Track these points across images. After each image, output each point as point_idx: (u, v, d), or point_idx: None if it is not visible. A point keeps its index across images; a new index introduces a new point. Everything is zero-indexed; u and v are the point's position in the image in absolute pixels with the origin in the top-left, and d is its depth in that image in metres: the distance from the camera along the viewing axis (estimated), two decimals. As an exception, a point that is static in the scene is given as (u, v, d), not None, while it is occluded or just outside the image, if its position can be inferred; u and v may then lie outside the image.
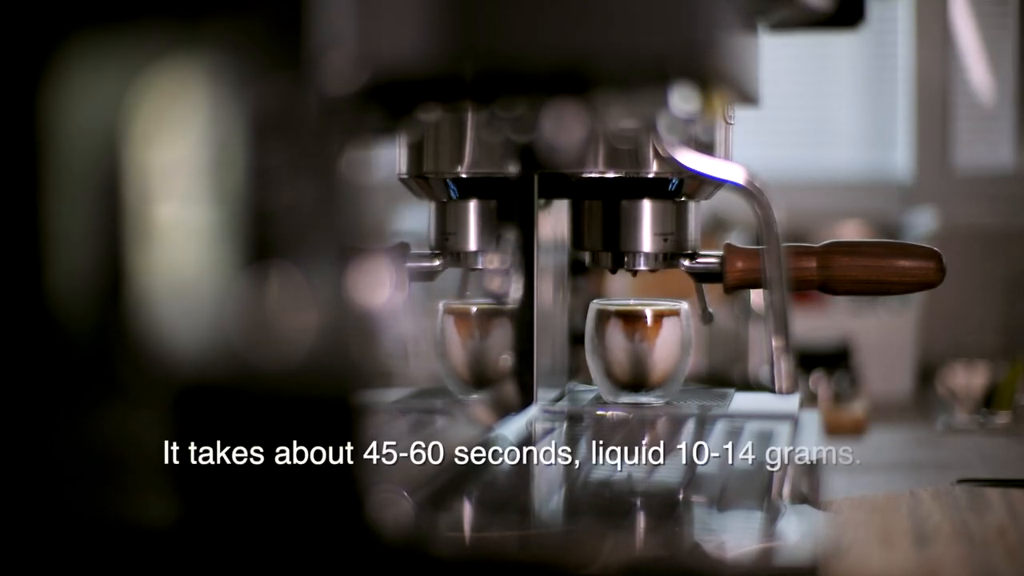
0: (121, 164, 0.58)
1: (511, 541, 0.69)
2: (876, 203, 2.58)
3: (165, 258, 0.59)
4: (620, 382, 1.12)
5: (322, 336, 0.59)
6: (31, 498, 0.59)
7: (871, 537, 0.92)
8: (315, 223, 0.59)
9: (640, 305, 1.12)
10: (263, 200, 0.59)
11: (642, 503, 0.82)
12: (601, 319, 1.12)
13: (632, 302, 1.13)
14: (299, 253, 0.59)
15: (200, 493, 0.60)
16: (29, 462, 0.59)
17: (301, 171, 0.59)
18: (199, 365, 0.59)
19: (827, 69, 2.69)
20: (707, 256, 1.11)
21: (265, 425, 0.60)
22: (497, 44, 0.63)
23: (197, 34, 0.59)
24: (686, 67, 0.66)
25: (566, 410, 1.11)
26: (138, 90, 0.58)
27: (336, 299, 0.60)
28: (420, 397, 1.17)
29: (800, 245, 1.11)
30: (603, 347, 1.12)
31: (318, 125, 0.59)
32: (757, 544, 0.69)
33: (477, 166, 1.07)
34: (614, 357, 1.12)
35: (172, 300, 0.58)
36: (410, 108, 0.86)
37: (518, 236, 1.06)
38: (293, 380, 0.59)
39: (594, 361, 1.13)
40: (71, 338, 0.59)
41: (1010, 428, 1.55)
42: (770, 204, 0.94)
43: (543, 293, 1.08)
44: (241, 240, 0.59)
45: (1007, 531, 0.94)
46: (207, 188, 0.58)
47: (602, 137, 1.05)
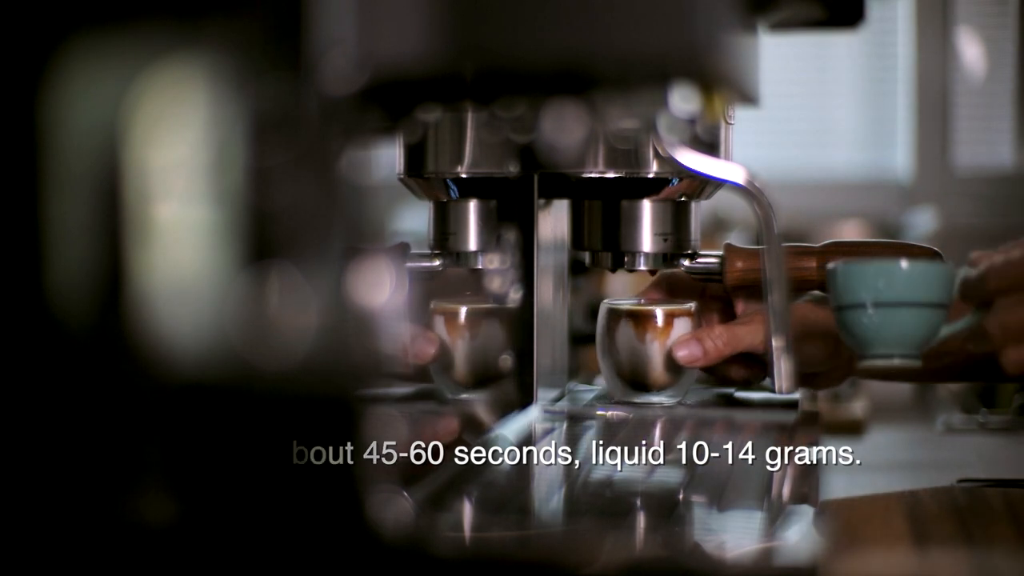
0: (121, 164, 0.58)
1: (511, 541, 0.69)
2: (876, 203, 2.58)
3: (165, 258, 0.59)
4: (631, 382, 1.12)
5: (322, 336, 0.59)
6: (31, 498, 0.59)
7: (871, 537, 0.92)
8: (315, 223, 0.59)
9: (651, 305, 1.12)
10: (263, 200, 0.59)
11: (642, 503, 0.82)
12: (612, 319, 1.12)
13: (643, 302, 1.13)
14: (299, 253, 0.59)
15: (200, 493, 0.60)
16: (29, 462, 0.59)
17: (301, 171, 0.59)
18: (199, 365, 0.59)
19: (827, 69, 2.69)
20: (707, 256, 1.11)
21: (265, 425, 0.60)
22: (497, 44, 0.63)
23: (197, 34, 0.59)
24: (686, 67, 0.66)
25: (566, 410, 1.11)
26: (138, 90, 0.58)
27: (336, 299, 0.60)
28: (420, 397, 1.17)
29: (800, 245, 1.11)
30: (614, 347, 1.12)
31: (318, 125, 0.59)
32: (757, 544, 0.69)
33: (477, 166, 1.07)
34: (625, 357, 1.11)
35: (172, 300, 0.58)
36: (410, 108, 0.86)
37: (518, 236, 1.06)
38: (293, 380, 0.59)
39: (605, 361, 1.13)
40: (71, 337, 0.59)
41: (1010, 428, 1.55)
42: (770, 204, 0.94)
43: (543, 293, 1.08)
44: (241, 240, 0.59)
45: (1007, 531, 0.94)
46: (207, 188, 0.59)
47: (602, 137, 1.05)
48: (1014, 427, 1.55)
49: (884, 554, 0.87)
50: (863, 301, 0.94)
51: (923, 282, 0.94)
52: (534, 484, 0.88)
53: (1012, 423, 1.56)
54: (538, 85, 0.74)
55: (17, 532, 0.59)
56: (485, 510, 0.79)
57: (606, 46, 0.62)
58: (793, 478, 0.85)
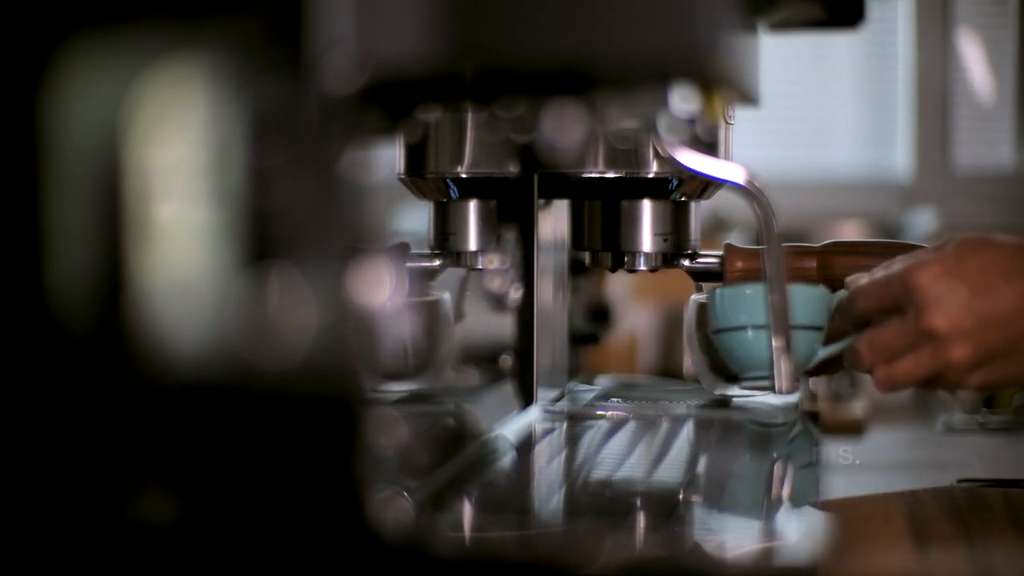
0: (121, 164, 0.58)
1: (511, 541, 0.69)
2: (876, 203, 2.58)
3: (165, 258, 0.59)
4: (725, 374, 1.11)
5: (322, 336, 0.59)
6: (31, 498, 0.59)
7: (871, 537, 0.92)
8: (315, 223, 0.59)
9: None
10: (263, 200, 0.59)
11: (642, 503, 0.82)
12: (701, 313, 1.11)
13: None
14: (299, 253, 0.59)
15: (200, 493, 0.60)
16: (29, 462, 0.59)
17: (301, 171, 0.59)
18: (199, 365, 0.59)
19: (827, 69, 2.69)
20: (707, 256, 1.11)
21: (265, 425, 0.60)
22: (497, 44, 0.63)
23: (197, 34, 0.59)
24: (686, 67, 0.66)
25: (566, 410, 1.11)
26: (138, 90, 0.58)
27: (336, 299, 0.60)
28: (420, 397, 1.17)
29: (800, 245, 1.11)
30: (705, 341, 1.11)
31: (318, 125, 0.59)
32: (757, 544, 0.69)
33: (477, 166, 1.07)
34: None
35: (172, 300, 0.58)
36: (410, 108, 0.86)
37: (518, 236, 1.06)
38: (293, 380, 0.59)
39: (696, 355, 1.12)
40: (71, 337, 0.59)
41: (1010, 428, 1.55)
42: (770, 204, 0.94)
43: (543, 293, 1.08)
44: (241, 240, 0.59)
45: (1007, 531, 0.94)
46: (207, 188, 0.58)
47: (602, 137, 1.05)
48: (1014, 427, 1.55)
49: (884, 554, 0.87)
50: (743, 324, 1.00)
51: (799, 306, 0.98)
52: (534, 484, 0.88)
53: (1012, 423, 1.56)
54: (538, 85, 0.74)
55: (17, 532, 0.59)
56: (485, 510, 0.79)
57: (606, 46, 0.62)
58: (793, 478, 0.85)
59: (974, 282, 0.92)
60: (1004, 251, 0.93)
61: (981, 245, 0.94)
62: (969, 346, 0.92)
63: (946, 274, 0.92)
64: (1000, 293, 0.92)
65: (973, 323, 0.92)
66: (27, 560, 0.59)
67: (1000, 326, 0.92)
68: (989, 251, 0.93)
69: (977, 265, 0.93)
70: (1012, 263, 0.93)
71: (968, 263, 0.93)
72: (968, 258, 0.93)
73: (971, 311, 0.92)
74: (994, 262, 0.93)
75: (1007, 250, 0.93)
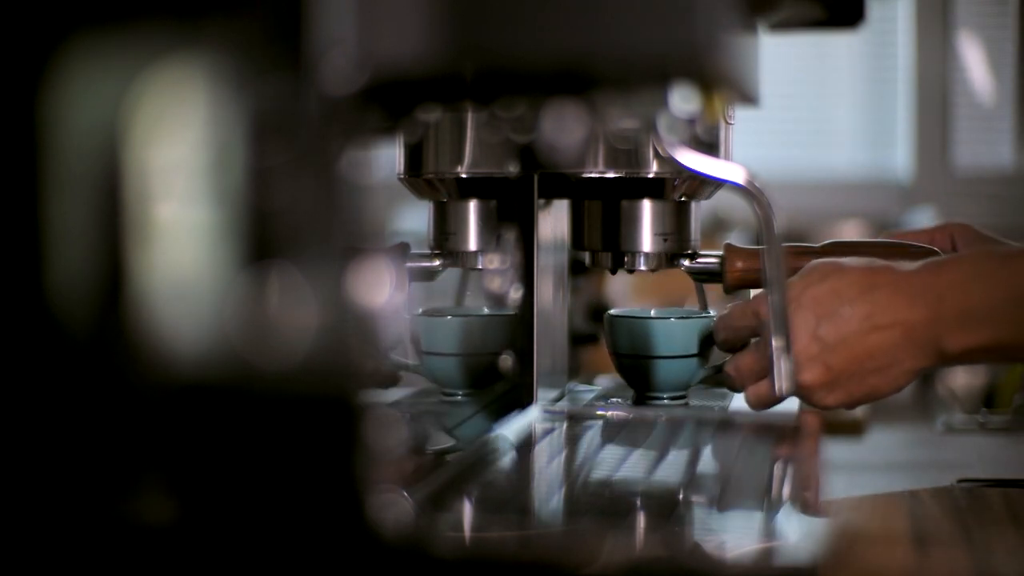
0: (121, 164, 0.58)
1: (511, 541, 0.69)
2: (876, 203, 2.58)
3: (165, 258, 0.59)
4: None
5: (322, 336, 0.59)
6: (31, 498, 0.59)
7: (871, 537, 0.92)
8: (315, 223, 0.59)
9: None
10: (263, 200, 0.59)
11: (642, 503, 0.82)
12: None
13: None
14: (299, 253, 0.59)
15: (200, 493, 0.60)
16: (29, 462, 0.59)
17: (301, 171, 0.59)
18: (199, 365, 0.59)
19: (827, 69, 2.69)
20: (707, 256, 1.11)
21: (265, 425, 0.60)
22: (497, 44, 0.63)
23: (197, 34, 0.59)
24: (686, 67, 0.66)
25: (566, 410, 1.11)
26: (138, 90, 0.58)
27: (336, 299, 0.60)
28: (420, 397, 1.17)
29: (800, 245, 1.11)
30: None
31: (318, 125, 0.59)
32: (757, 544, 0.69)
33: (477, 166, 1.07)
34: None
35: (172, 300, 0.58)
36: (410, 108, 0.86)
37: (518, 236, 1.06)
38: (293, 380, 0.59)
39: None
40: (71, 337, 0.59)
41: (1010, 428, 1.55)
42: (770, 204, 0.94)
43: (543, 293, 1.08)
44: (241, 240, 0.59)
45: (1007, 531, 0.94)
46: (207, 188, 0.59)
47: (602, 137, 1.05)
48: (1014, 427, 1.55)
49: (884, 554, 0.87)
50: (632, 352, 1.12)
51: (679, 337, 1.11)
52: (534, 484, 0.88)
53: (1012, 423, 1.56)
54: (538, 85, 0.74)
55: (17, 532, 0.59)
56: (485, 510, 0.79)
57: (606, 46, 0.62)
58: (793, 478, 0.85)
59: (819, 309, 0.97)
60: (849, 276, 0.97)
61: (830, 272, 0.98)
62: (818, 369, 0.97)
63: (792, 302, 0.97)
64: (843, 318, 0.96)
65: (819, 348, 0.96)
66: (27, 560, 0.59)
67: (845, 348, 0.96)
68: (836, 277, 0.97)
69: (823, 292, 0.97)
70: (855, 288, 0.96)
71: (814, 290, 0.97)
72: (814, 286, 0.97)
73: (815, 336, 0.96)
74: (837, 289, 0.97)
75: (853, 275, 0.97)
